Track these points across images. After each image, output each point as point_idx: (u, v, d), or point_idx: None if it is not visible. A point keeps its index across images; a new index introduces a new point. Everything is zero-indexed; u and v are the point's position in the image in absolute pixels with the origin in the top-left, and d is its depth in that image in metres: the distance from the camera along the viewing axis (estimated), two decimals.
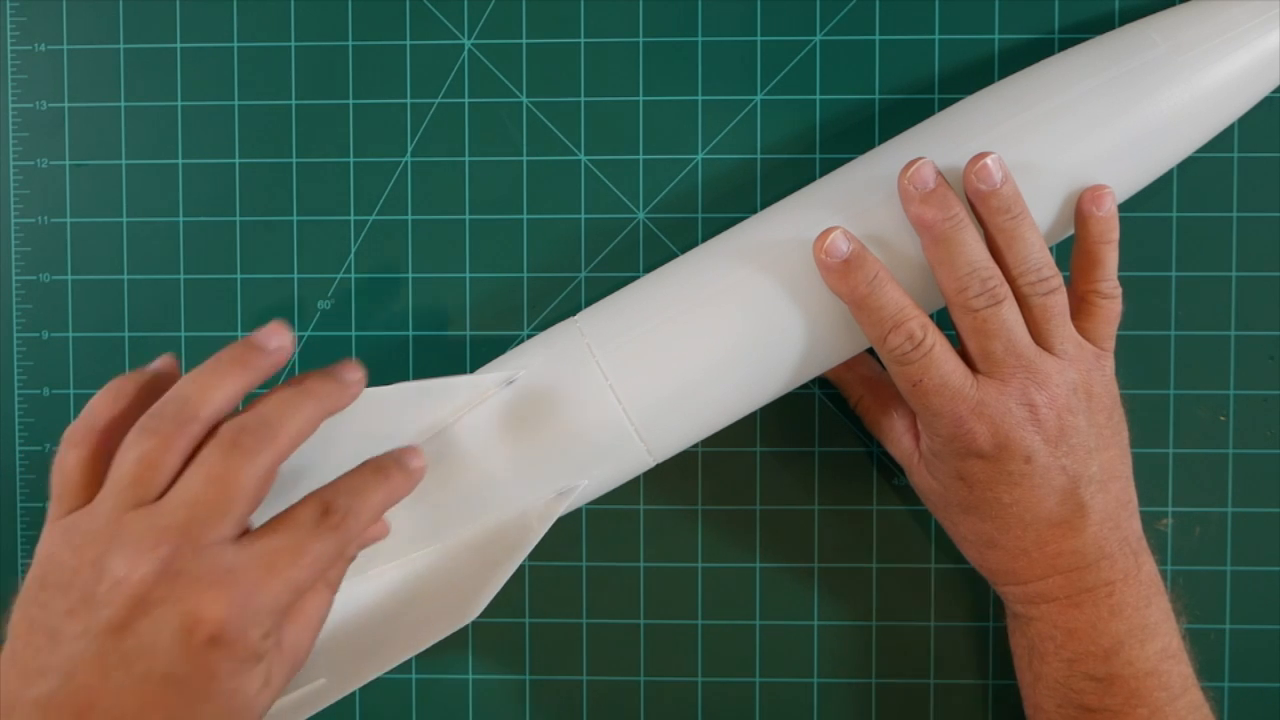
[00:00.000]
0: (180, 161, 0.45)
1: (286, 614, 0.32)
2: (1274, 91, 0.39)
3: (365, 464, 0.34)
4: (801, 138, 0.44)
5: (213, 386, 0.31)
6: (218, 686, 0.30)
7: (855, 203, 0.37)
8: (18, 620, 0.31)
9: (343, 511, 0.32)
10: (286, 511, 0.32)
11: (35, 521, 0.45)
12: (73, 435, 0.32)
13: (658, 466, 0.39)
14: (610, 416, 0.37)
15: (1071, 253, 0.38)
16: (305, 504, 0.32)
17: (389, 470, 0.33)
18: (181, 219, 0.45)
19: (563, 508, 0.38)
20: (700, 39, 0.44)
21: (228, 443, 0.30)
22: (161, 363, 0.34)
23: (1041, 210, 0.37)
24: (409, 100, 0.44)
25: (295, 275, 0.45)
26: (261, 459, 0.31)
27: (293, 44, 0.44)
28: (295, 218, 0.45)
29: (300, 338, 0.45)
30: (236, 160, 0.45)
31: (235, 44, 0.44)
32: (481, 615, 0.37)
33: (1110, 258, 0.37)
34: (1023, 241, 0.36)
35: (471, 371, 0.40)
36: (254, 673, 0.31)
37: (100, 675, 0.29)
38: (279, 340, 0.33)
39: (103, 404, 0.32)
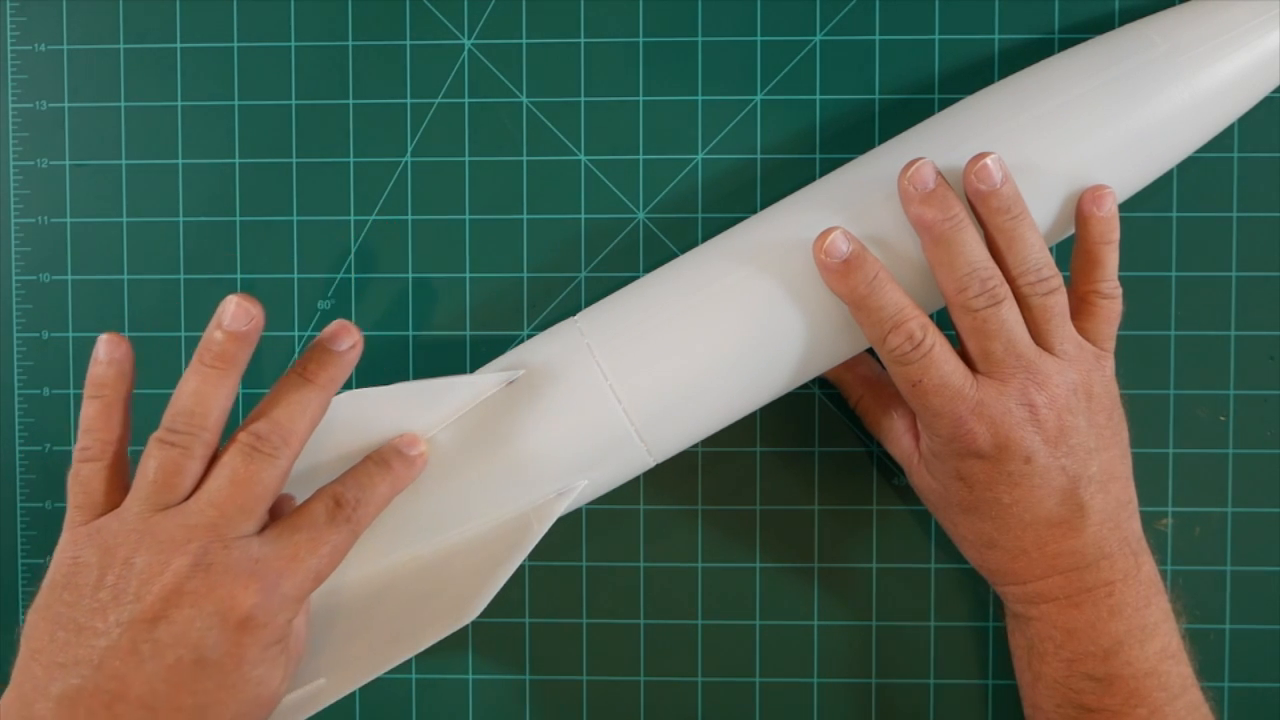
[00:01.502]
0: (180, 161, 0.45)
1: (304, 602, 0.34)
2: (1274, 91, 0.39)
3: (369, 457, 0.37)
4: (801, 138, 0.44)
5: (208, 397, 0.34)
6: (246, 672, 0.32)
7: (855, 203, 0.37)
8: (36, 622, 0.33)
9: (353, 504, 0.35)
10: (302, 507, 0.34)
11: (35, 521, 0.45)
12: (88, 450, 0.34)
13: (658, 466, 0.39)
14: (610, 416, 0.37)
15: (1072, 253, 0.38)
16: (318, 499, 0.35)
17: (391, 461, 0.37)
18: (181, 219, 0.45)
19: (563, 508, 0.38)
20: (700, 39, 0.44)
21: (248, 447, 0.33)
22: (112, 350, 0.35)
23: (1042, 210, 0.37)
24: (409, 100, 0.44)
25: (295, 275, 0.45)
26: (280, 460, 0.34)
27: (293, 44, 0.44)
28: (295, 218, 0.45)
29: (300, 338, 0.45)
30: (236, 160, 0.45)
31: (235, 44, 0.44)
32: (481, 615, 0.37)
33: (1111, 258, 0.37)
34: (1023, 242, 0.36)
35: (471, 371, 0.40)
36: (278, 661, 0.33)
37: (134, 664, 0.31)
38: (242, 330, 0.34)
39: (99, 417, 0.34)
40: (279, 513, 0.37)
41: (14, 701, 0.32)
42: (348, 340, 0.35)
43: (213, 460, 0.34)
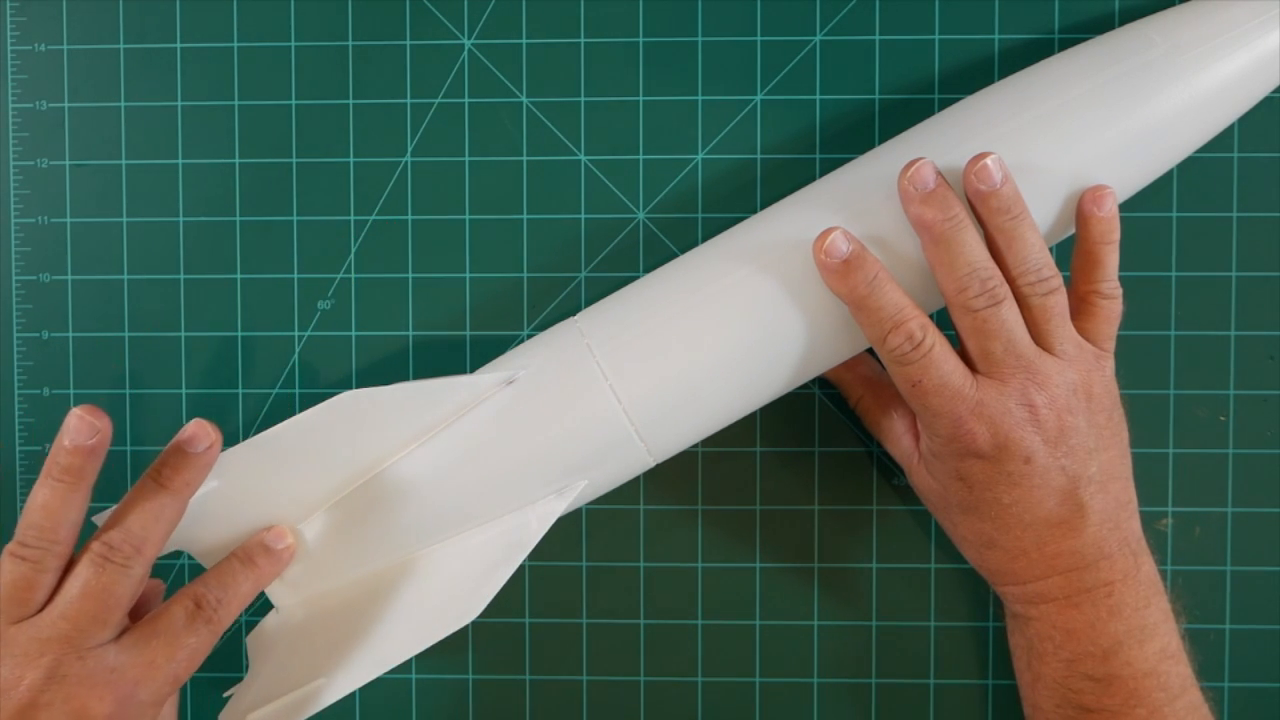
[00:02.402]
0: (180, 161, 0.45)
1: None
2: (1274, 91, 0.39)
3: (233, 554, 0.37)
4: (801, 138, 0.44)
5: (57, 511, 0.34)
6: None
7: (855, 203, 0.37)
8: None
9: (213, 605, 0.35)
10: (161, 610, 0.35)
11: None
12: None
13: (658, 466, 0.39)
14: (610, 416, 0.37)
15: (1072, 253, 0.38)
16: (179, 601, 0.35)
17: (256, 558, 0.37)
18: (181, 219, 0.45)
19: (562, 508, 0.38)
20: (700, 39, 0.44)
21: (100, 558, 0.34)
22: None
23: (1042, 210, 0.37)
24: (409, 100, 0.44)
25: (295, 275, 0.45)
26: (133, 570, 0.34)
27: (293, 44, 0.44)
28: (295, 218, 0.45)
29: (300, 338, 0.45)
30: (236, 160, 0.45)
31: (235, 44, 0.44)
32: (481, 615, 0.37)
33: (1111, 258, 0.37)
34: (1023, 242, 0.36)
35: (471, 371, 0.40)
36: None
37: None
38: (85, 447, 0.34)
39: None
40: (144, 604, 0.37)
41: None
42: (204, 441, 0.35)
43: (68, 569, 0.34)
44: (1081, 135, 0.36)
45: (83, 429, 0.33)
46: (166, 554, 0.38)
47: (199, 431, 0.35)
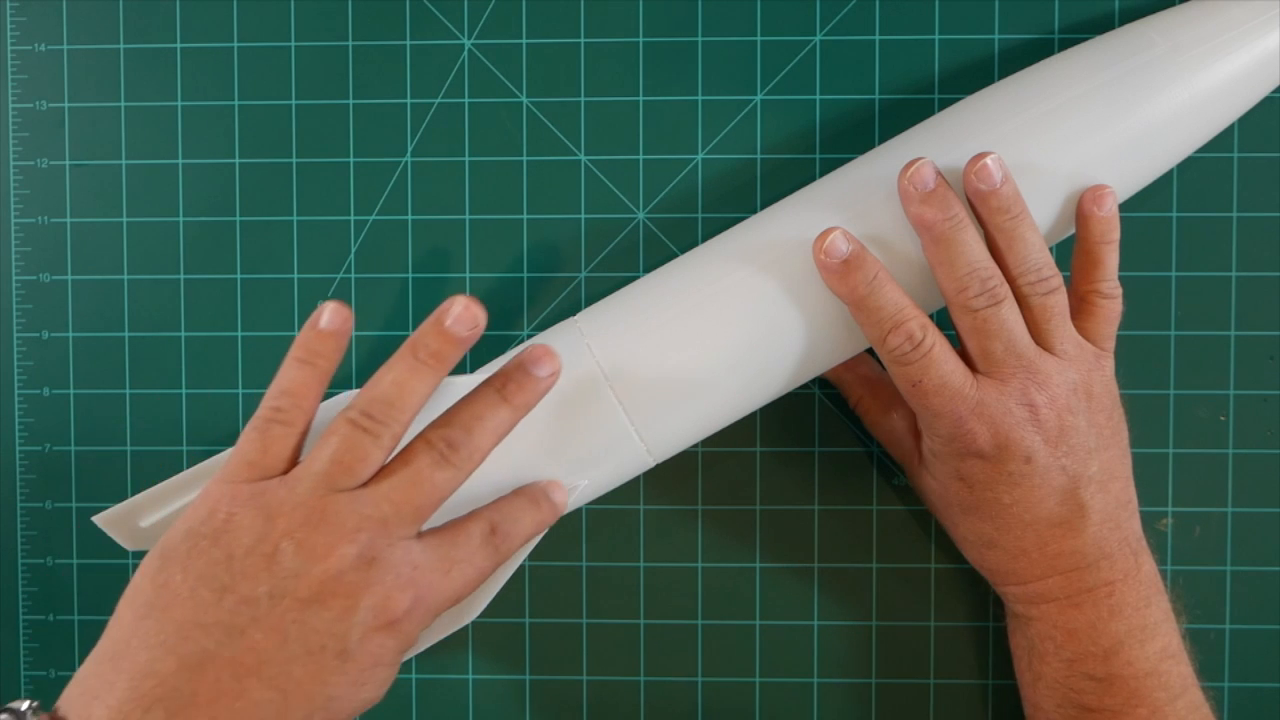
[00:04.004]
0: (180, 161, 0.45)
1: None
2: (1274, 91, 0.39)
3: (521, 492, 0.36)
4: (801, 138, 0.44)
5: (412, 390, 0.33)
6: (377, 674, 0.32)
7: (855, 203, 0.37)
8: (172, 571, 0.31)
9: (504, 534, 0.34)
10: (460, 524, 0.34)
11: (35, 521, 0.45)
12: (284, 412, 0.33)
13: (658, 466, 0.39)
14: (610, 416, 0.37)
15: (1072, 253, 0.38)
16: (475, 520, 0.34)
17: (540, 501, 0.36)
18: (181, 219, 0.45)
19: None
20: (700, 39, 0.44)
21: (438, 453, 0.33)
22: (338, 322, 0.33)
23: (1042, 210, 0.37)
24: (409, 100, 0.44)
25: (295, 275, 0.45)
26: (462, 473, 0.33)
27: (293, 44, 0.44)
28: (295, 218, 0.45)
29: None
30: (236, 160, 0.45)
31: (235, 44, 0.44)
32: (481, 615, 0.37)
33: (1111, 258, 0.37)
34: (1023, 241, 0.36)
35: (471, 371, 0.40)
36: (395, 670, 0.33)
37: (277, 640, 0.30)
38: (462, 332, 0.33)
39: (306, 384, 0.33)
40: None
41: (131, 647, 0.30)
42: (549, 367, 0.34)
43: (398, 455, 0.33)
44: (1081, 135, 0.36)
45: (465, 318, 0.33)
46: None
47: (544, 355, 0.34)
